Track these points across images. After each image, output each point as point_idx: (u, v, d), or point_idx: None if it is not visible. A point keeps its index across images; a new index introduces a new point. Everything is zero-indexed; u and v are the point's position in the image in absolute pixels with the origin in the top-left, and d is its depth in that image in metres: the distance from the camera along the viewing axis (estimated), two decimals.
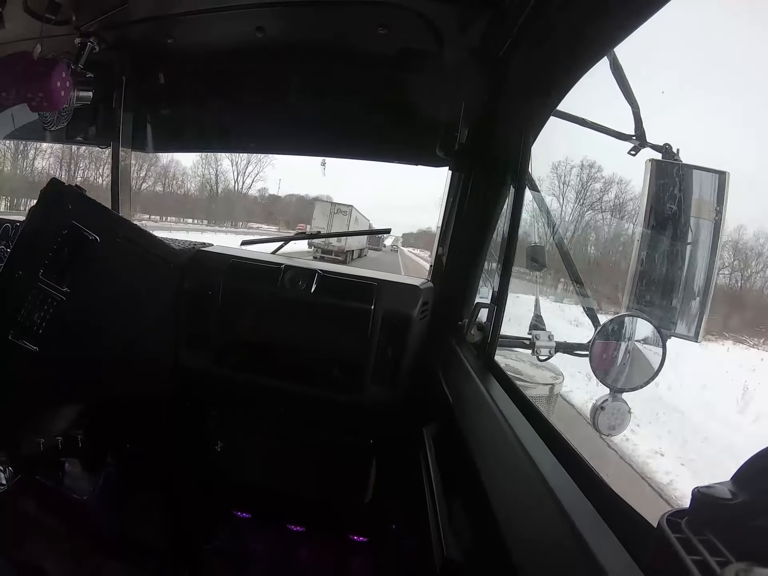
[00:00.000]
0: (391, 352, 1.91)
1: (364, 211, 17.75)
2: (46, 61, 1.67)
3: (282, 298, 1.92)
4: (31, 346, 1.50)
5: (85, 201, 1.64)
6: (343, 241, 15.17)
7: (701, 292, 1.50)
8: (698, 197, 1.44)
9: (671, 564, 0.49)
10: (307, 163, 20.04)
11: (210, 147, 2.54)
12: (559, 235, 1.76)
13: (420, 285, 1.98)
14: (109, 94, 2.20)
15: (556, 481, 0.80)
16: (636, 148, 1.53)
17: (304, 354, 1.93)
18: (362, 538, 2.19)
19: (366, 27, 1.76)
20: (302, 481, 2.13)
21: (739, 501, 0.49)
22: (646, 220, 1.50)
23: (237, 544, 2.13)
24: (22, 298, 1.50)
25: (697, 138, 1.98)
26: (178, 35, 1.94)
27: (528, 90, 1.48)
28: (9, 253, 1.51)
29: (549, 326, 1.65)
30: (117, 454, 2.15)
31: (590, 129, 1.59)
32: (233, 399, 2.10)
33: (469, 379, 1.39)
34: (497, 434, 1.04)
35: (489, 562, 0.97)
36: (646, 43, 1.16)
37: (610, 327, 1.46)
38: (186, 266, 1.99)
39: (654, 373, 1.41)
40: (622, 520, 0.70)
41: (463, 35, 1.64)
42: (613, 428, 1.40)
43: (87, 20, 1.77)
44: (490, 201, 1.79)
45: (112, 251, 1.68)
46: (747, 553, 0.46)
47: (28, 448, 1.76)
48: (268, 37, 1.88)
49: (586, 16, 1.08)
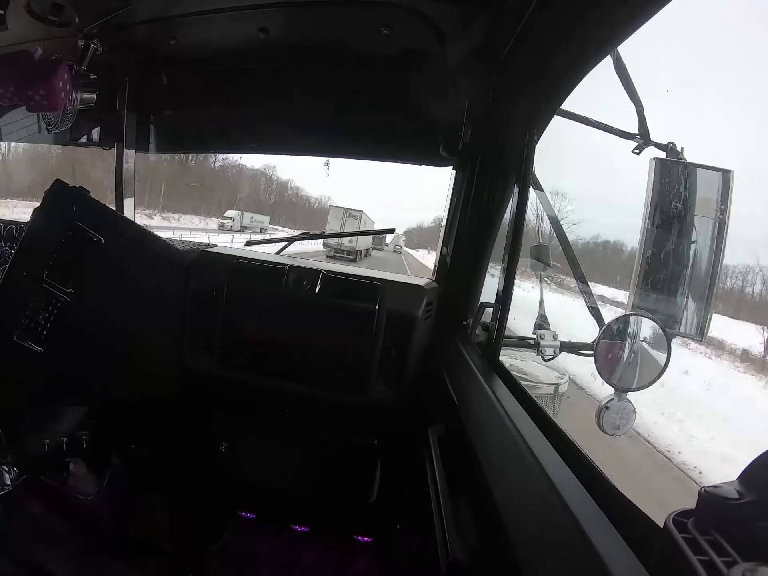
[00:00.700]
0: (395, 352, 1.91)
1: (368, 212, 18.40)
2: (48, 61, 1.68)
3: (286, 299, 1.92)
4: (36, 347, 1.51)
5: (90, 202, 1.64)
6: (354, 241, 16.85)
7: (706, 291, 1.49)
8: (702, 196, 1.43)
9: (678, 564, 0.49)
10: (309, 165, 20.43)
11: (213, 148, 2.55)
12: (564, 234, 1.75)
13: (424, 285, 1.98)
14: (113, 96, 2.21)
15: (561, 481, 0.79)
16: (640, 146, 1.53)
17: (308, 354, 1.93)
18: (367, 538, 2.19)
19: (369, 27, 1.76)
20: (306, 481, 2.13)
21: (746, 501, 0.49)
22: (650, 219, 1.49)
23: (241, 544, 2.13)
24: (27, 299, 1.50)
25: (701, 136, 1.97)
26: (181, 36, 1.95)
27: (531, 89, 1.47)
28: (13, 254, 1.52)
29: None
30: (122, 455, 2.15)
31: (594, 128, 1.58)
32: (238, 400, 2.10)
33: (473, 379, 1.38)
34: (502, 434, 1.04)
35: (494, 563, 0.97)
36: (650, 41, 1.15)
37: (614, 326, 1.46)
38: (190, 267, 2.00)
39: (659, 372, 1.40)
40: (628, 520, 0.70)
41: (466, 35, 1.64)
42: (617, 428, 1.40)
43: (90, 22, 1.77)
44: (494, 201, 1.79)
45: (116, 252, 1.68)
46: (754, 554, 0.46)
47: (33, 448, 1.76)
48: (270, 37, 1.88)
49: (589, 15, 1.07)
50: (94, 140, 2.26)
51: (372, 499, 2.07)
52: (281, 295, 1.92)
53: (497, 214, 1.78)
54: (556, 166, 2.04)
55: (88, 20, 1.77)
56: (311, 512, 2.21)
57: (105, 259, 1.65)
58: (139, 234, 1.83)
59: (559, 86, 1.33)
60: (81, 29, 1.80)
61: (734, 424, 3.82)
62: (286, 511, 2.23)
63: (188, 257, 2.03)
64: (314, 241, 10.18)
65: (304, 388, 1.94)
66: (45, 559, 1.74)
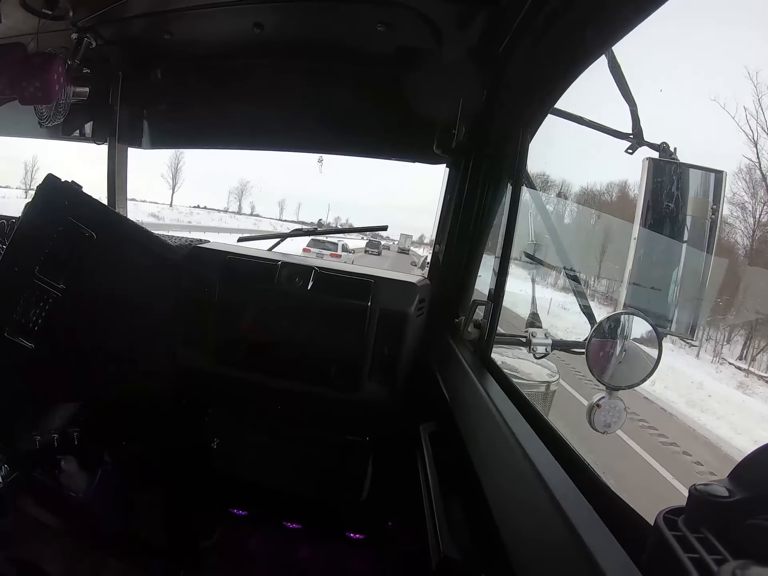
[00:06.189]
0: (387, 349, 1.91)
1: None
2: (42, 53, 1.67)
3: (279, 295, 1.91)
4: (27, 343, 1.50)
5: (82, 197, 1.63)
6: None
7: (697, 290, 1.50)
8: (695, 196, 1.44)
9: (668, 562, 0.50)
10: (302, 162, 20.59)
11: (206, 143, 2.53)
12: (556, 232, 1.76)
13: (417, 282, 1.98)
14: (106, 90, 2.19)
15: (553, 478, 0.80)
16: (633, 146, 1.53)
17: (300, 351, 1.93)
18: (359, 535, 2.20)
19: (365, 24, 1.76)
20: (299, 478, 2.13)
21: (736, 499, 0.50)
22: (642, 219, 1.50)
23: (234, 541, 2.13)
24: (18, 295, 1.49)
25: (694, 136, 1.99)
26: (175, 31, 1.93)
27: (526, 88, 1.48)
28: (4, 249, 1.51)
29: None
30: (114, 452, 2.14)
31: (588, 127, 1.59)
32: (230, 396, 2.09)
33: (465, 376, 1.39)
34: (494, 431, 1.04)
35: (485, 559, 0.98)
36: (645, 41, 1.16)
37: (606, 325, 1.46)
38: (183, 263, 1.99)
39: (650, 370, 1.41)
40: (619, 517, 0.70)
41: (461, 33, 1.64)
42: (608, 426, 1.41)
43: (84, 16, 1.76)
44: (487, 198, 1.79)
45: (108, 248, 1.68)
46: (744, 551, 0.47)
47: (24, 444, 1.75)
48: (265, 33, 1.87)
49: (585, 15, 1.08)
50: (86, 135, 2.24)
51: (364, 497, 2.08)
52: (273, 291, 1.91)
53: (490, 212, 1.78)
54: (550, 165, 2.05)
55: (82, 14, 1.75)
56: (303, 509, 2.21)
57: (97, 255, 1.64)
58: (131, 230, 1.82)
59: (553, 85, 1.33)
60: (75, 23, 1.79)
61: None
62: (279, 508, 2.23)
63: (181, 253, 2.02)
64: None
65: (296, 385, 1.94)
66: (35, 555, 1.73)
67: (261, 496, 2.20)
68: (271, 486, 2.15)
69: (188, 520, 2.14)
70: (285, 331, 1.93)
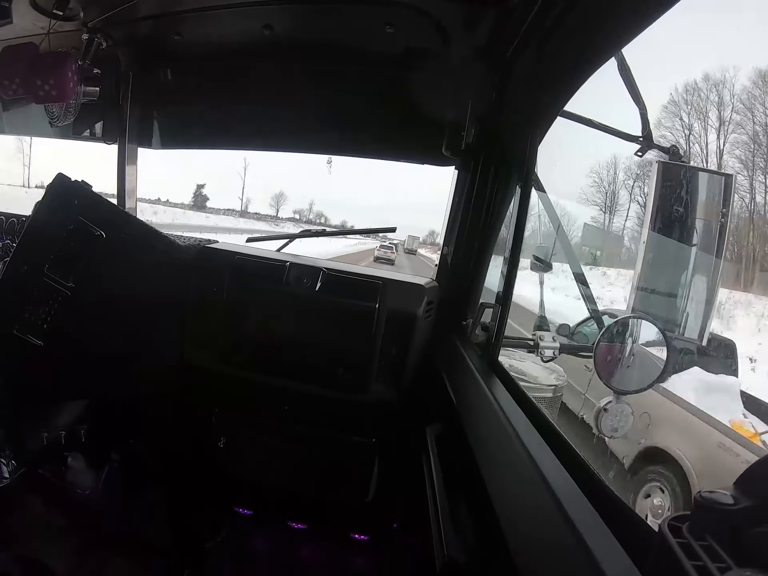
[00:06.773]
0: (395, 351, 1.90)
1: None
2: (56, 53, 1.68)
3: (287, 296, 1.92)
4: (36, 341, 1.51)
5: (92, 196, 1.65)
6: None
7: (706, 294, 1.49)
8: (704, 200, 1.43)
9: (672, 569, 0.49)
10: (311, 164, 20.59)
11: (215, 144, 2.54)
12: (565, 235, 1.75)
13: (425, 284, 1.98)
14: (116, 90, 2.20)
15: (558, 483, 0.80)
16: (643, 149, 1.52)
17: (307, 352, 1.93)
18: (363, 536, 2.19)
19: (373, 25, 1.76)
20: (304, 479, 2.13)
21: (741, 507, 0.49)
22: (652, 222, 1.49)
23: (239, 541, 2.13)
24: (28, 293, 1.50)
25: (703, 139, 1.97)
26: (185, 32, 1.95)
27: (535, 90, 1.47)
28: (14, 247, 1.52)
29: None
30: (120, 450, 2.15)
31: (597, 130, 1.58)
32: (236, 396, 2.10)
33: (472, 379, 1.38)
34: (500, 435, 1.04)
35: (490, 563, 0.97)
36: (655, 44, 1.15)
37: (614, 329, 1.46)
38: (192, 263, 2.00)
39: (658, 375, 1.41)
40: (624, 523, 0.70)
41: (470, 34, 1.64)
42: (615, 430, 1.40)
43: (94, 16, 1.77)
44: (496, 201, 1.79)
45: (117, 247, 1.68)
46: (748, 560, 0.46)
47: (32, 441, 1.77)
48: (275, 34, 1.87)
49: (594, 17, 1.07)
50: (96, 135, 2.25)
51: (369, 498, 2.07)
52: (282, 292, 1.91)
53: (499, 214, 1.77)
54: (559, 167, 2.03)
55: (93, 14, 1.77)
56: (308, 510, 2.21)
57: (106, 254, 1.65)
58: (140, 229, 1.83)
59: (563, 87, 1.32)
60: (86, 23, 1.80)
61: None
62: (284, 508, 2.23)
63: (190, 253, 2.03)
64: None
65: (303, 385, 1.94)
66: (41, 553, 1.74)
67: (266, 496, 2.20)
68: (276, 486, 2.15)
69: (193, 519, 2.14)
70: (292, 331, 1.93)
